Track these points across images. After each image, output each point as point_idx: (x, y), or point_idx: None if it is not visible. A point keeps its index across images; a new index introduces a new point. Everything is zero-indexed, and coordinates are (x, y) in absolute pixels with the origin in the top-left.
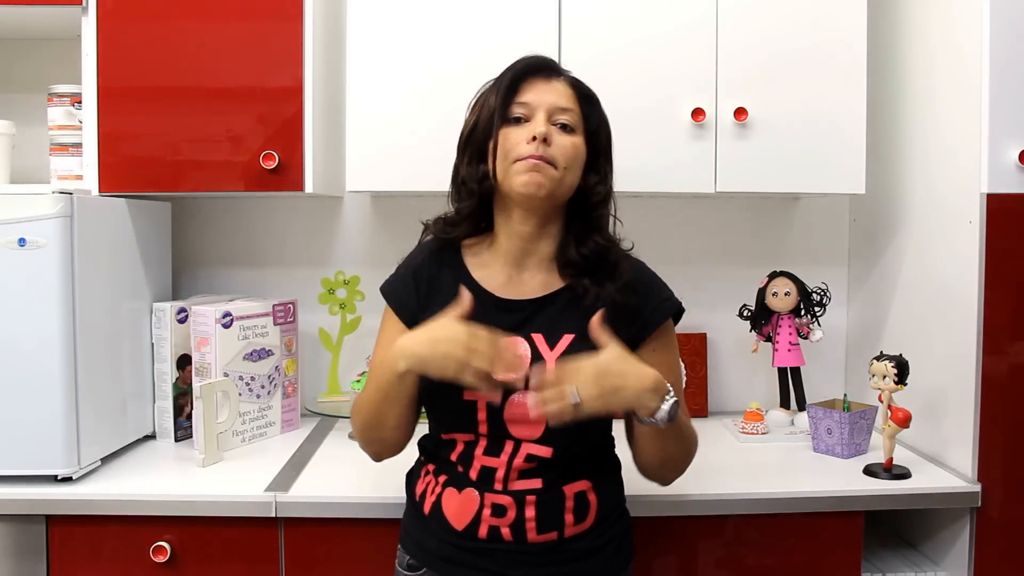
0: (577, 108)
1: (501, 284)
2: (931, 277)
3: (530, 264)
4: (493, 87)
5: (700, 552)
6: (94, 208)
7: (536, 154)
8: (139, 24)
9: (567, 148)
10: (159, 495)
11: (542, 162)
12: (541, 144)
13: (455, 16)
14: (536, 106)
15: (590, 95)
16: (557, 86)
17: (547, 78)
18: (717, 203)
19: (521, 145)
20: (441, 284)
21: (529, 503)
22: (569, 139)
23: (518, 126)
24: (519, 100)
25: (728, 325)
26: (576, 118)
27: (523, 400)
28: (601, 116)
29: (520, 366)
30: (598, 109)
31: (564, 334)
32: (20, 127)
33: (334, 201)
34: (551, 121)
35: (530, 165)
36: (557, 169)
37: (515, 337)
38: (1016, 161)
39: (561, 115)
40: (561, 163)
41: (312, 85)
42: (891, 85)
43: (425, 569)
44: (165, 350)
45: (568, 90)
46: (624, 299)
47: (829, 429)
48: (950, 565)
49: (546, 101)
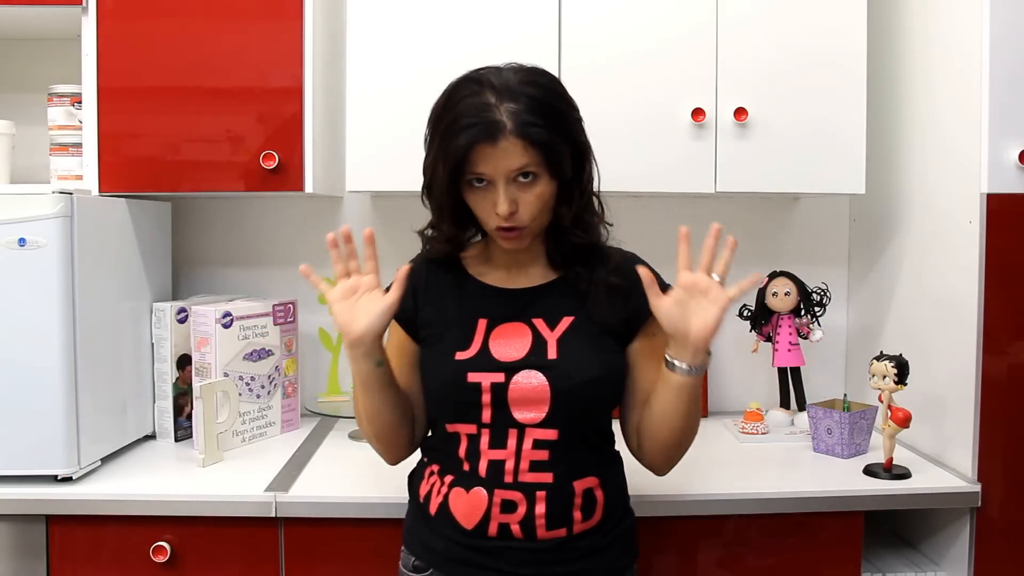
0: (534, 156)
1: (501, 278)
2: (931, 277)
3: (525, 261)
4: (438, 144)
5: (700, 551)
6: (94, 208)
7: (505, 226)
8: (139, 24)
9: (532, 204)
10: (159, 495)
11: (513, 232)
12: (508, 217)
13: (455, 16)
14: (493, 176)
15: (538, 140)
16: (505, 147)
17: (493, 143)
18: (717, 203)
19: (491, 216)
20: (441, 285)
21: (539, 499)
22: (534, 192)
23: (482, 189)
24: (473, 172)
25: (728, 325)
26: (535, 166)
27: (528, 378)
28: (555, 139)
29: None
30: (550, 144)
31: (564, 316)
32: (20, 127)
33: (334, 201)
34: (512, 181)
35: (506, 236)
36: (530, 225)
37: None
38: (1016, 161)
39: (518, 174)
40: (529, 221)
41: (312, 85)
42: (891, 85)
43: (432, 570)
44: (165, 350)
45: (516, 145)
46: (617, 280)
47: (829, 429)
48: (950, 565)
49: (500, 169)
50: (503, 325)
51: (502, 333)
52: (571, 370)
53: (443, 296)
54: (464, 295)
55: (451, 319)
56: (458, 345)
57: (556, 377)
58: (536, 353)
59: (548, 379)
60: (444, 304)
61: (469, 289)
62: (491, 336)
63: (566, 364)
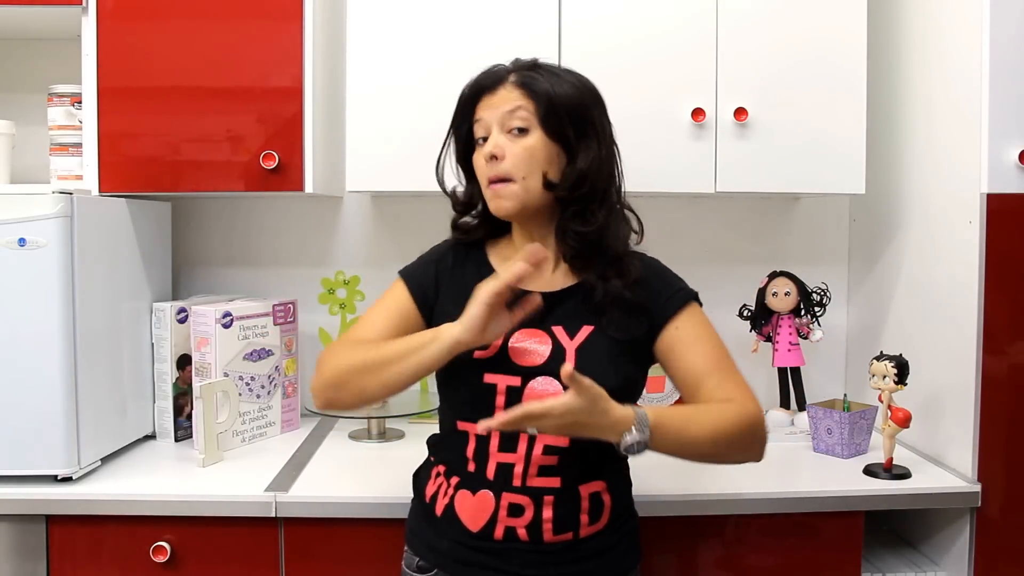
0: (527, 103)
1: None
2: (931, 277)
3: (547, 261)
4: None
5: (700, 552)
6: (94, 208)
7: (491, 175)
8: (139, 24)
9: (517, 155)
10: (159, 495)
11: (498, 183)
12: (491, 161)
13: (455, 17)
14: (488, 122)
15: (534, 87)
16: (502, 94)
17: (492, 90)
18: (717, 203)
19: (483, 172)
20: (464, 276)
21: (547, 503)
22: (521, 144)
23: (482, 148)
24: (476, 119)
25: (728, 325)
26: (527, 115)
27: (544, 385)
28: (556, 97)
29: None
30: (548, 96)
31: (584, 325)
32: (20, 127)
33: (334, 201)
34: (506, 129)
35: (493, 192)
36: (516, 181)
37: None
38: (1016, 161)
39: (511, 119)
40: (517, 173)
41: (312, 85)
42: (891, 85)
43: (436, 570)
44: (165, 350)
45: (513, 92)
46: (633, 296)
47: (829, 429)
48: (950, 565)
49: (495, 114)
50: (523, 331)
51: (522, 337)
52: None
53: (466, 288)
54: None
55: None
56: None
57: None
58: (555, 361)
59: (564, 387)
60: (465, 297)
61: None
62: (510, 340)
63: (584, 374)
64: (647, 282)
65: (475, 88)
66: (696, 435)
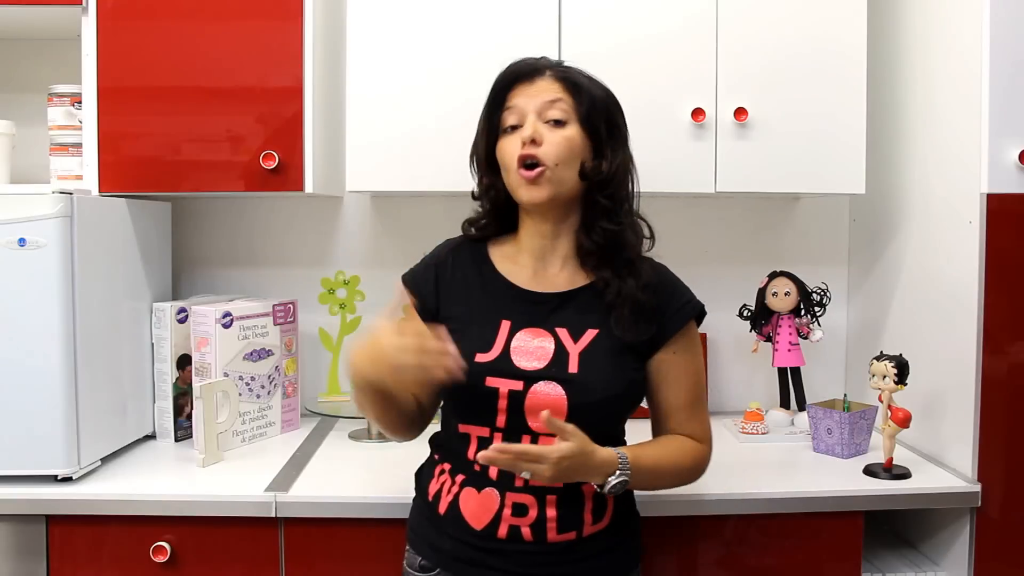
0: (567, 97)
1: (527, 279)
2: (931, 277)
3: (554, 259)
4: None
5: (700, 552)
6: (94, 208)
7: (524, 153)
8: (139, 24)
9: (558, 144)
10: (159, 495)
11: (534, 170)
12: (530, 145)
13: (455, 16)
14: (524, 109)
15: (577, 82)
16: (541, 84)
17: (530, 80)
18: (717, 203)
19: (514, 158)
20: (466, 277)
21: (551, 502)
22: (560, 134)
23: (513, 134)
24: (508, 106)
25: (728, 325)
26: (567, 108)
27: (546, 390)
28: (595, 98)
29: (443, 358)
30: (590, 94)
31: (588, 328)
32: (20, 127)
33: (334, 201)
34: (543, 119)
35: (527, 180)
36: (550, 169)
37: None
38: (1016, 161)
39: (550, 110)
40: (552, 160)
41: (312, 85)
42: (891, 85)
43: (439, 570)
44: (165, 350)
45: (553, 84)
46: (645, 298)
47: (829, 429)
48: (950, 565)
49: (533, 102)
50: (526, 330)
51: (525, 339)
52: (591, 386)
53: (467, 289)
54: (488, 291)
55: (473, 316)
56: (479, 346)
57: (575, 392)
58: (557, 365)
59: (567, 393)
60: (467, 298)
61: (494, 285)
62: (513, 340)
63: (586, 379)
64: (658, 288)
65: (511, 76)
66: (663, 473)
